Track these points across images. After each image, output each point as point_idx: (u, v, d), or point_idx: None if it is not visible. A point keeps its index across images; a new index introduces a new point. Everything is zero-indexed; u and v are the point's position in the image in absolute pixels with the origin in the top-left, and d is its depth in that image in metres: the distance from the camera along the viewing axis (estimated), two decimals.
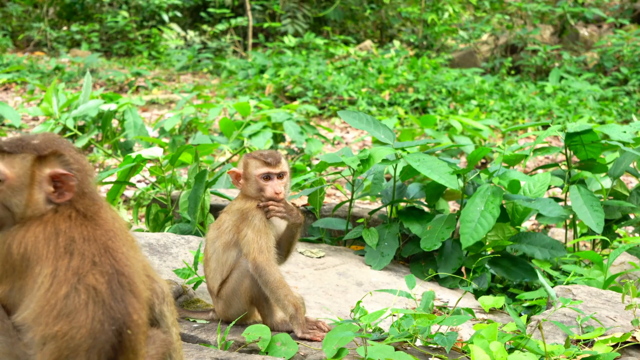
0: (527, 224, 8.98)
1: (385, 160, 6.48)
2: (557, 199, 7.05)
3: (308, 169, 9.53)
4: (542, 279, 5.29)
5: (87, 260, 3.09)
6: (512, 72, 19.79)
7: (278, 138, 12.23)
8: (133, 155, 7.16)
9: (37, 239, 3.09)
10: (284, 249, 4.88)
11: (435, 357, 4.18)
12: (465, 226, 5.97)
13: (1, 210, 3.16)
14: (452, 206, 9.51)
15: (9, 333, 3.07)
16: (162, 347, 3.33)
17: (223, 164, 8.58)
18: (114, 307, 3.06)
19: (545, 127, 13.26)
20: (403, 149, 6.53)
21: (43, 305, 3.01)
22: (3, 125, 12.97)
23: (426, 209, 6.80)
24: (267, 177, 4.76)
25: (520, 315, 5.68)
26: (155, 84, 18.55)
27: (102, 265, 3.10)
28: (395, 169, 6.71)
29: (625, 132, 6.66)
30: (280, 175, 4.78)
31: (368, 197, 8.80)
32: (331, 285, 5.90)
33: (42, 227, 3.12)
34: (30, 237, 3.09)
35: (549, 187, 7.01)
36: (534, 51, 19.93)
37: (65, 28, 23.52)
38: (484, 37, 21.70)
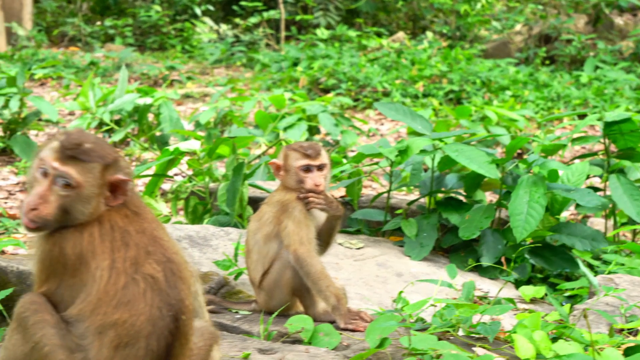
0: (566, 214, 8.93)
1: (423, 151, 6.47)
2: (596, 189, 7.01)
3: (344, 160, 9.53)
4: (584, 268, 5.27)
5: (142, 250, 3.14)
6: (547, 62, 19.67)
7: (313, 130, 12.22)
8: (171, 148, 7.20)
9: (93, 237, 3.13)
10: (323, 240, 4.89)
11: (479, 346, 4.17)
12: (515, 219, 5.94)
13: (61, 215, 3.17)
14: (488, 197, 9.48)
15: (60, 325, 3.11)
16: (209, 339, 3.37)
17: (259, 156, 8.60)
18: (170, 294, 3.12)
19: (582, 116, 13.18)
20: (440, 140, 6.52)
21: (101, 296, 3.06)
22: (40, 120, 13.06)
23: (464, 200, 6.79)
24: (307, 169, 4.77)
25: (562, 305, 5.65)
26: (189, 78, 18.61)
27: (156, 254, 3.15)
28: (433, 160, 6.70)
29: None
30: (320, 167, 4.79)
31: (404, 188, 8.78)
32: (371, 276, 5.90)
33: (98, 227, 3.16)
34: (86, 237, 3.13)
35: (588, 177, 6.97)
36: (569, 41, 19.79)
37: (99, 23, 23.65)
38: (518, 27, 21.58)
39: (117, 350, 3.06)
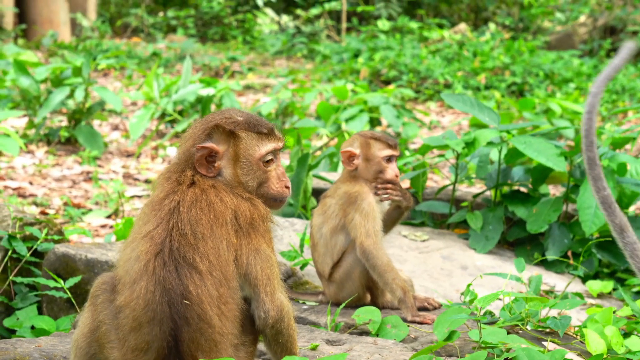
0: (632, 208, 8.80)
1: (490, 143, 6.41)
2: None
3: (406, 153, 9.49)
4: None
5: None
6: (611, 54, 19.40)
7: (374, 122, 12.21)
8: None
9: None
10: (386, 228, 4.84)
11: (550, 341, 4.12)
12: (585, 213, 5.85)
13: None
14: (552, 190, 9.38)
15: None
16: None
17: (321, 147, 8.60)
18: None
19: None
20: (507, 132, 6.44)
21: None
22: (103, 110, 13.19)
23: (529, 193, 6.71)
24: (390, 159, 4.72)
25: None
26: (250, 69, 18.68)
27: None
28: (500, 152, 6.63)
29: None
30: (397, 158, 4.78)
31: (465, 180, 8.72)
32: (436, 269, 5.87)
33: None
34: None
35: None
36: (635, 32, 19.51)
37: (161, 14, 23.84)
38: (582, 18, 21.32)
39: None
